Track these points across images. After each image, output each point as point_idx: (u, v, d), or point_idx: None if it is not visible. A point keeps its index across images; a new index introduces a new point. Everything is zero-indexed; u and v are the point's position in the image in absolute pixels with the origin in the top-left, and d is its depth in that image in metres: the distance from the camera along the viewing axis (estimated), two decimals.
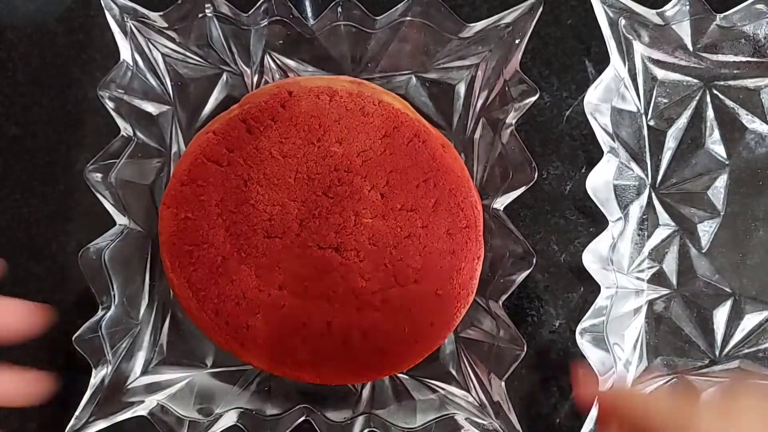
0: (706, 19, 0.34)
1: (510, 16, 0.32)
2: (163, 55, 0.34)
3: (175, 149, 0.35)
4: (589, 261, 0.31)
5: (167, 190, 0.32)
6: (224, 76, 0.36)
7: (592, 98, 0.32)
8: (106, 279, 0.32)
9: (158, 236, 0.32)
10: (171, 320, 0.36)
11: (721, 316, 0.36)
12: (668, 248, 0.37)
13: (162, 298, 0.35)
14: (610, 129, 0.34)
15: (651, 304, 0.37)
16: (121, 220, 0.32)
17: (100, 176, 0.32)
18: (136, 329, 0.34)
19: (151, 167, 0.34)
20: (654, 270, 0.37)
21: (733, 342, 0.36)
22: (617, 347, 0.34)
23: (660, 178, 0.37)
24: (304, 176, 0.31)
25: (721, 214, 0.37)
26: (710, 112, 0.37)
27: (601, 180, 0.33)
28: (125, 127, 0.32)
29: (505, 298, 0.32)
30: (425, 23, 0.33)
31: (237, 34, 0.34)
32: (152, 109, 0.34)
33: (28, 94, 0.38)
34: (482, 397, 0.33)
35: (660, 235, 0.37)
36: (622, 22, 0.34)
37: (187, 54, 0.35)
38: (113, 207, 0.32)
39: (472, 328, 0.35)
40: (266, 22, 0.33)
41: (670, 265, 0.37)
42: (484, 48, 0.34)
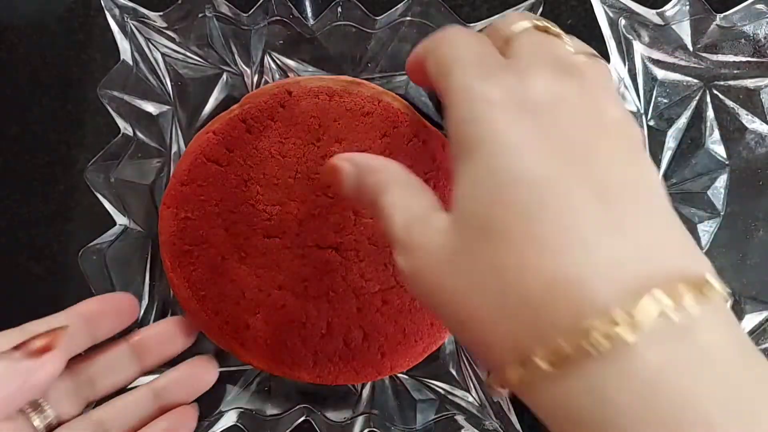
0: (706, 19, 0.34)
1: None
2: (163, 55, 0.34)
3: (175, 149, 0.35)
4: None
5: (167, 190, 0.32)
6: (224, 76, 0.36)
7: None
8: (106, 279, 0.32)
9: (158, 236, 0.32)
10: None
11: None
12: None
13: (162, 298, 0.35)
14: None
15: None
16: (121, 220, 0.32)
17: (100, 176, 0.32)
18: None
19: (151, 167, 0.34)
20: None
21: None
22: None
23: (660, 178, 0.37)
24: (303, 176, 0.31)
25: (721, 214, 0.37)
26: (710, 112, 0.37)
27: None
28: (125, 127, 0.32)
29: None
30: (425, 23, 0.33)
31: (237, 34, 0.34)
32: (152, 109, 0.34)
33: (28, 94, 0.38)
34: (482, 397, 0.33)
35: None
36: (622, 22, 0.34)
37: (187, 54, 0.35)
38: (113, 207, 0.32)
39: None
40: (266, 22, 0.33)
41: None
42: None
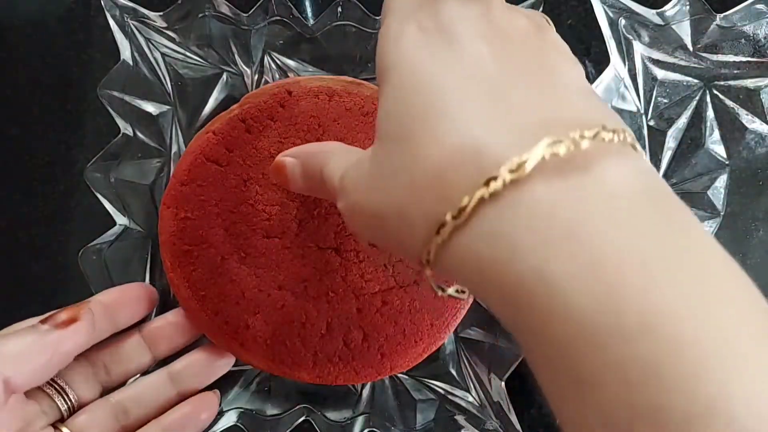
0: (706, 19, 0.34)
1: None
2: (163, 55, 0.34)
3: (175, 149, 0.35)
4: None
5: (167, 190, 0.32)
6: (224, 76, 0.36)
7: None
8: (106, 279, 0.32)
9: (158, 236, 0.32)
10: None
11: None
12: None
13: (162, 297, 0.35)
14: None
15: None
16: (121, 220, 0.32)
17: (100, 176, 0.32)
18: None
19: (151, 167, 0.34)
20: None
21: None
22: None
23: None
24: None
25: (721, 214, 0.37)
26: (710, 112, 0.37)
27: None
28: (125, 127, 0.32)
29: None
30: None
31: (237, 34, 0.34)
32: (152, 109, 0.34)
33: (28, 94, 0.38)
34: (482, 397, 0.33)
35: None
36: (622, 22, 0.34)
37: (187, 54, 0.35)
38: (113, 207, 0.32)
39: (472, 328, 0.35)
40: (266, 22, 0.33)
41: None
42: None
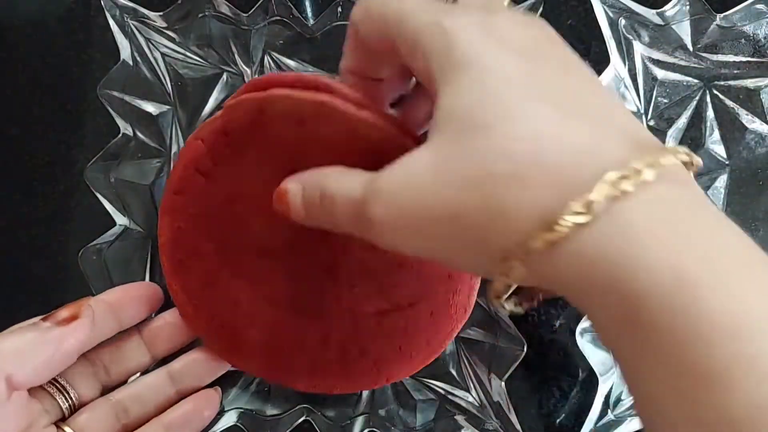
0: (706, 19, 0.34)
1: None
2: (163, 55, 0.34)
3: (175, 149, 0.35)
4: None
5: (163, 197, 0.31)
6: (224, 76, 0.36)
7: None
8: (106, 279, 0.32)
9: (158, 238, 0.32)
10: None
11: None
12: None
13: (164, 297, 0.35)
14: None
15: None
16: (121, 220, 0.32)
17: (100, 176, 0.32)
18: None
19: (151, 167, 0.34)
20: None
21: None
22: None
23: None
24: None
25: None
26: (710, 112, 0.37)
27: None
28: (125, 127, 0.32)
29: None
30: None
31: (237, 34, 0.34)
32: (152, 109, 0.34)
33: (28, 94, 0.38)
34: (482, 397, 0.33)
35: None
36: (622, 22, 0.34)
37: (187, 54, 0.35)
38: (113, 207, 0.32)
39: (472, 328, 0.35)
40: (266, 22, 0.33)
41: None
42: None
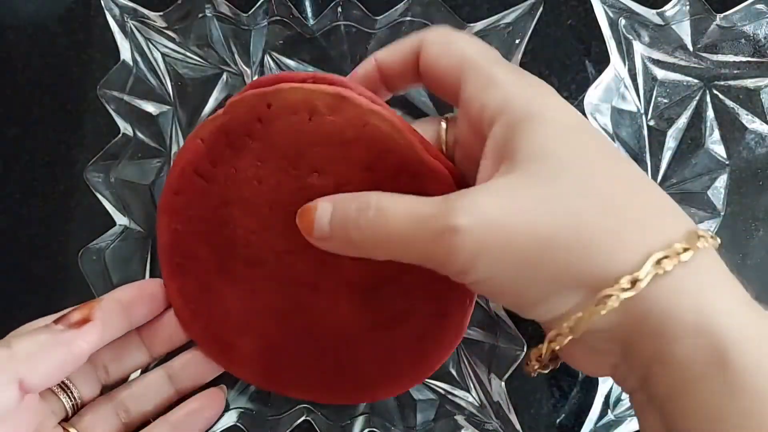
0: (706, 19, 0.34)
1: (510, 16, 0.32)
2: (163, 55, 0.34)
3: (175, 149, 0.35)
4: None
5: (161, 196, 0.30)
6: (224, 76, 0.36)
7: (592, 98, 0.32)
8: (107, 279, 0.32)
9: (157, 238, 0.32)
10: None
11: None
12: None
13: None
14: (610, 129, 0.34)
15: None
16: (121, 220, 0.32)
17: (100, 176, 0.32)
18: None
19: (151, 167, 0.34)
20: None
21: None
22: None
23: (660, 178, 0.37)
24: (280, 207, 0.27)
25: (721, 214, 0.37)
26: (710, 112, 0.37)
27: None
28: (125, 127, 0.32)
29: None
30: (425, 23, 0.33)
31: (237, 34, 0.34)
32: (152, 109, 0.34)
33: (28, 94, 0.38)
34: (482, 397, 0.33)
35: None
36: (622, 22, 0.34)
37: (187, 54, 0.35)
38: (113, 207, 0.32)
39: (472, 328, 0.35)
40: (266, 22, 0.33)
41: None
42: None
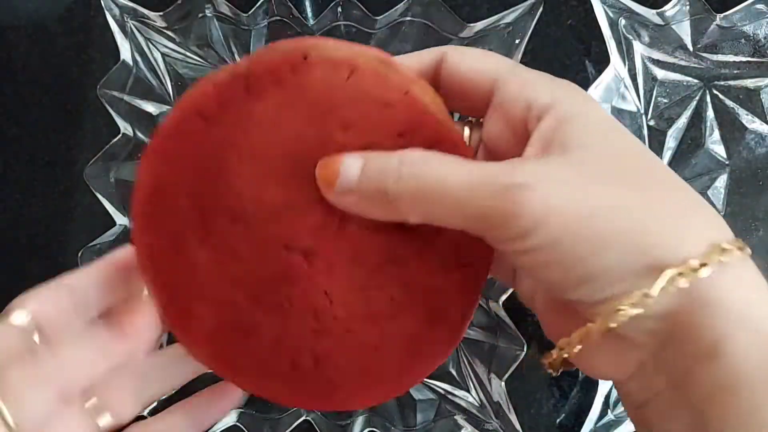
0: (706, 19, 0.34)
1: (510, 16, 0.32)
2: (163, 55, 0.34)
3: None
4: None
5: (151, 140, 0.27)
6: None
7: None
8: None
9: (134, 189, 0.27)
10: None
11: None
12: None
13: None
14: None
15: None
16: (121, 220, 0.32)
17: (100, 176, 0.32)
18: None
19: None
20: None
21: None
22: None
23: None
24: (293, 158, 0.25)
25: (721, 214, 0.37)
26: (710, 112, 0.37)
27: None
28: (125, 127, 0.32)
29: (505, 298, 0.32)
30: (425, 23, 0.33)
31: (237, 34, 0.34)
32: (152, 109, 0.34)
33: (28, 94, 0.38)
34: (482, 397, 0.33)
35: None
36: (622, 22, 0.34)
37: (187, 54, 0.35)
38: (113, 207, 0.32)
39: (472, 328, 0.35)
40: (266, 22, 0.33)
41: None
42: (484, 48, 0.34)
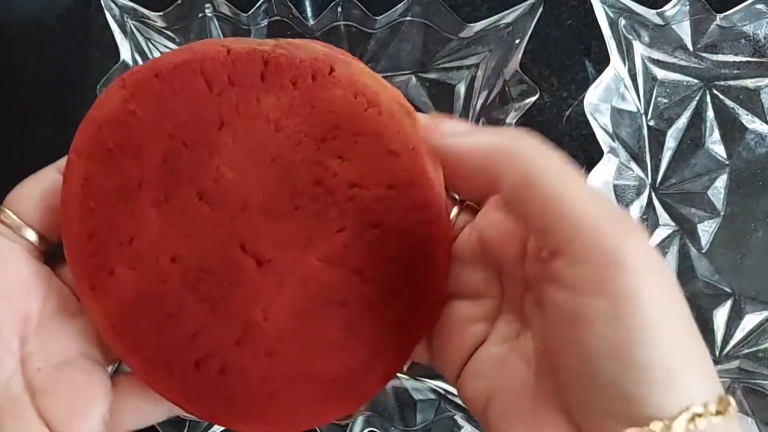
0: (706, 19, 0.34)
1: (510, 16, 0.32)
2: None
3: None
4: None
5: (139, 69, 0.24)
6: None
7: (592, 98, 0.32)
8: None
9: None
10: None
11: (721, 317, 0.36)
12: (668, 248, 0.37)
13: None
14: (610, 129, 0.34)
15: None
16: None
17: None
18: None
19: None
20: None
21: (733, 342, 0.36)
22: None
23: (660, 178, 0.37)
24: (283, 163, 0.23)
25: (721, 214, 0.37)
26: (710, 112, 0.37)
27: (601, 180, 0.33)
28: None
29: None
30: (425, 23, 0.33)
31: (237, 33, 0.34)
32: None
33: (28, 93, 0.38)
34: None
35: (660, 235, 0.37)
36: (622, 22, 0.34)
37: None
38: None
39: None
40: (266, 22, 0.33)
41: (670, 265, 0.37)
42: (484, 48, 0.34)
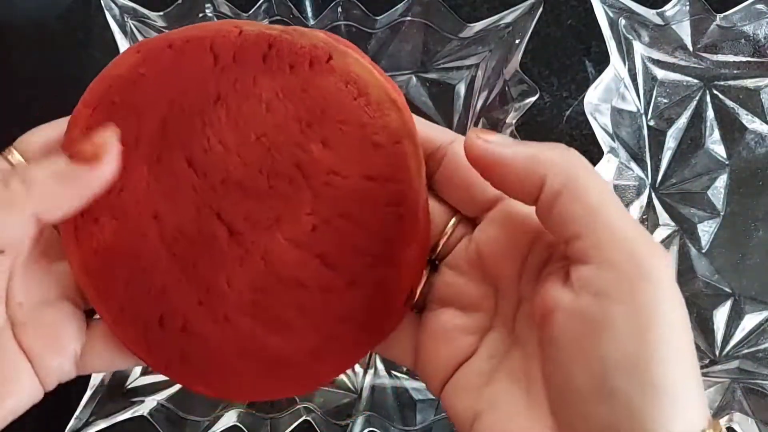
0: (706, 19, 0.34)
1: (510, 16, 0.32)
2: None
3: None
4: None
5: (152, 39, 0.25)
6: None
7: (592, 98, 0.32)
8: None
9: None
10: None
11: (720, 317, 0.37)
12: (668, 248, 0.37)
13: None
14: (610, 129, 0.34)
15: None
16: None
17: None
18: None
19: None
20: None
21: (733, 342, 0.36)
22: None
23: (660, 178, 0.37)
24: (269, 142, 0.24)
25: (721, 214, 0.37)
26: (710, 112, 0.37)
27: None
28: None
29: None
30: (425, 23, 0.33)
31: None
32: None
33: (28, 93, 0.38)
34: None
35: (660, 235, 0.37)
36: (622, 22, 0.34)
37: None
38: None
39: None
40: (266, 22, 0.33)
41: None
42: (484, 48, 0.34)
